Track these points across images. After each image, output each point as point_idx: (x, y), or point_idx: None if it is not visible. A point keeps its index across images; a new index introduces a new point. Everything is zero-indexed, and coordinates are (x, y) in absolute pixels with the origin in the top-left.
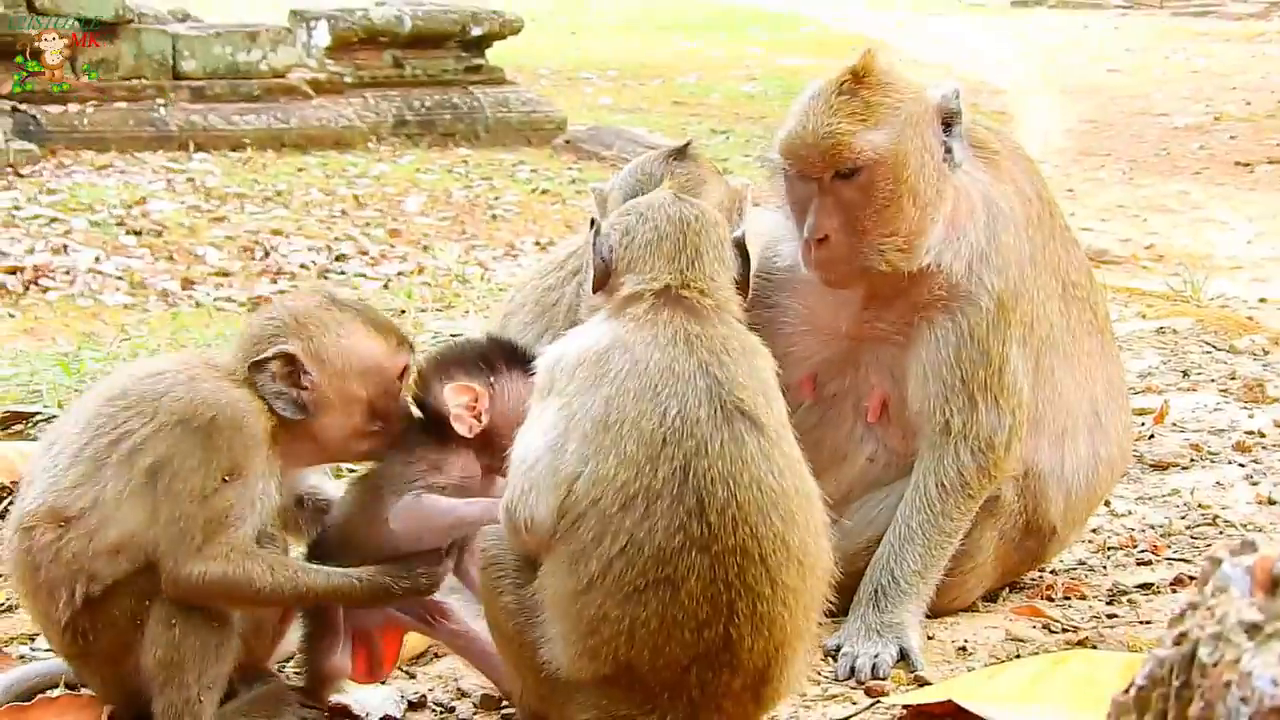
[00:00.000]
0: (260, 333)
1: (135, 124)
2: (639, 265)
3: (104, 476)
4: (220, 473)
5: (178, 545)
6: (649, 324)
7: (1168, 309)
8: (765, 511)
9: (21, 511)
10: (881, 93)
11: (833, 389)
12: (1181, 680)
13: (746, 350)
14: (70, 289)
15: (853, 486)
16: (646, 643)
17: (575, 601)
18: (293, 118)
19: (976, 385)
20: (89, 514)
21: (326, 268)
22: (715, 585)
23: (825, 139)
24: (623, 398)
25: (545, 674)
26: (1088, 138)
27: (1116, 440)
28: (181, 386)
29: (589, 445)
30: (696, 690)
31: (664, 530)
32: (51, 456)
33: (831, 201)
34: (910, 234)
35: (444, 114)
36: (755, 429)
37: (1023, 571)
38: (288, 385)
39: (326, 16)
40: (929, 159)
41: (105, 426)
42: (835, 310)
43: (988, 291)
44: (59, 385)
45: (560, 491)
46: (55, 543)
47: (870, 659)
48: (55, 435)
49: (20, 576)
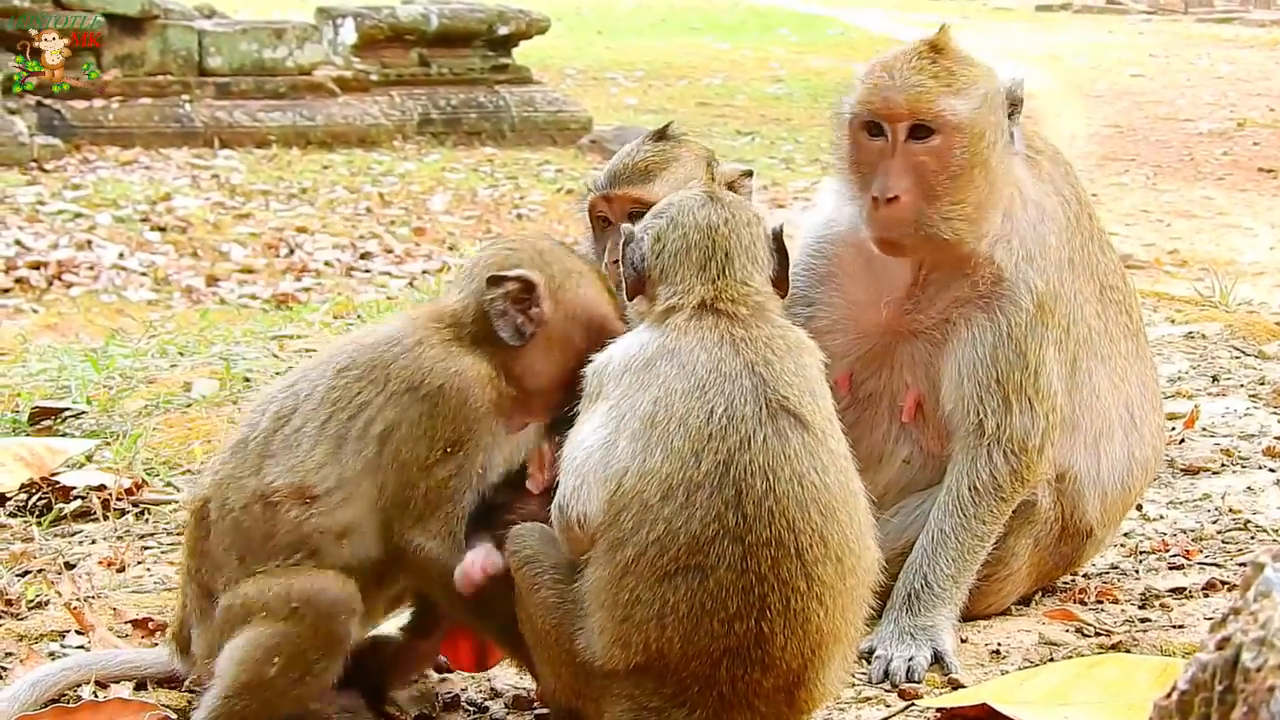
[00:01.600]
0: (500, 259)
1: (160, 120)
2: (671, 276)
3: (345, 453)
4: (444, 443)
5: (401, 513)
6: (694, 330)
7: (1196, 314)
8: (804, 506)
9: (259, 483)
10: (962, 64)
11: (869, 388)
12: (1224, 685)
13: (793, 348)
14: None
15: (889, 489)
16: (677, 629)
17: (611, 587)
18: (318, 115)
19: (1012, 387)
20: (333, 492)
21: (351, 265)
22: (747, 576)
23: (913, 89)
24: (670, 396)
25: (579, 668)
26: (1112, 143)
27: (1150, 442)
28: (409, 354)
29: (638, 441)
30: (727, 686)
31: (700, 519)
32: (289, 433)
33: (903, 163)
34: (978, 206)
35: (470, 113)
36: (800, 425)
37: (1057, 576)
38: (516, 310)
39: (353, 14)
40: (1000, 137)
41: (342, 400)
42: (877, 299)
43: (1030, 291)
44: (88, 381)
45: (610, 486)
46: (299, 518)
47: (905, 662)
48: (272, 406)
49: (230, 544)
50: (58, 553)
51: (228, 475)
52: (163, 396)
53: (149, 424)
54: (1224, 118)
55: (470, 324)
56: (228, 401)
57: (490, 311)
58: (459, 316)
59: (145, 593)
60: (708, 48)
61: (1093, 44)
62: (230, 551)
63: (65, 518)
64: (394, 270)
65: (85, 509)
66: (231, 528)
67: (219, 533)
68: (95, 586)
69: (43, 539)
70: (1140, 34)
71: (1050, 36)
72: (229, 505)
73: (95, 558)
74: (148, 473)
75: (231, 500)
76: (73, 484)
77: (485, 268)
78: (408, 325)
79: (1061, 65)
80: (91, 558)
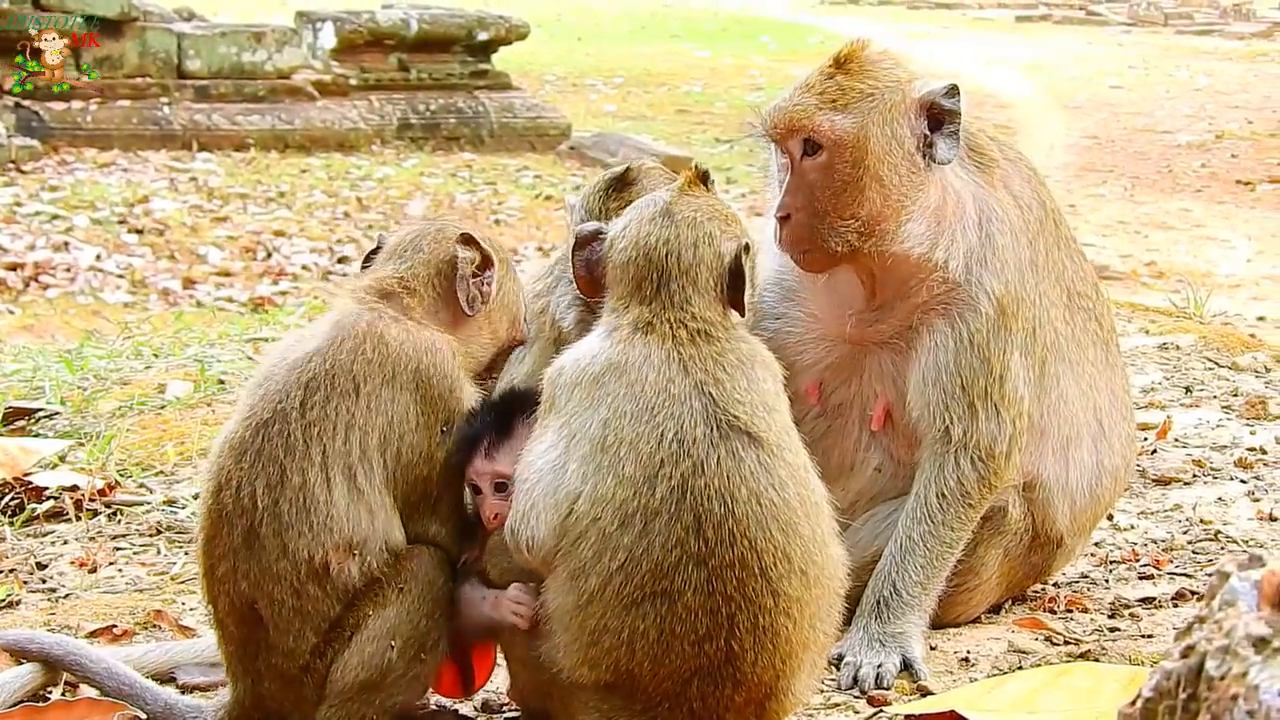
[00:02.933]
0: (447, 234)
1: (139, 122)
2: (615, 288)
3: (360, 483)
4: (440, 425)
5: (415, 508)
6: (640, 345)
7: (1171, 325)
8: (765, 525)
9: (294, 564)
10: (858, 78)
11: (838, 398)
12: (1188, 693)
13: (745, 361)
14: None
15: (860, 496)
16: (646, 654)
17: (577, 614)
18: (297, 119)
19: (977, 393)
20: (367, 523)
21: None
22: (714, 599)
23: (793, 110)
24: (619, 419)
25: (547, 673)
26: (1090, 154)
27: (1120, 450)
28: (365, 346)
29: (588, 464)
30: (698, 702)
31: (661, 546)
32: (292, 495)
33: (798, 180)
34: (872, 219)
35: (449, 118)
36: (753, 444)
37: (1028, 585)
38: (474, 281)
39: (332, 18)
40: (896, 148)
41: (326, 430)
42: (839, 312)
43: (987, 295)
44: (62, 382)
45: (561, 511)
46: (364, 569)
47: (873, 668)
48: (257, 481)
49: (301, 628)
50: (29, 553)
51: (253, 571)
52: (137, 398)
53: (123, 425)
54: (1202, 130)
55: (419, 294)
56: (202, 404)
57: (457, 275)
58: (403, 286)
59: (117, 593)
60: (688, 55)
61: (1072, 55)
62: (306, 635)
63: (38, 518)
64: None
65: (58, 509)
66: (296, 617)
67: (282, 629)
68: (67, 587)
69: (14, 539)
70: (1120, 45)
71: (1030, 47)
72: (279, 600)
73: (67, 558)
74: (120, 474)
75: (279, 593)
76: (45, 484)
77: (436, 239)
78: (344, 318)
79: (1041, 76)
80: (63, 558)
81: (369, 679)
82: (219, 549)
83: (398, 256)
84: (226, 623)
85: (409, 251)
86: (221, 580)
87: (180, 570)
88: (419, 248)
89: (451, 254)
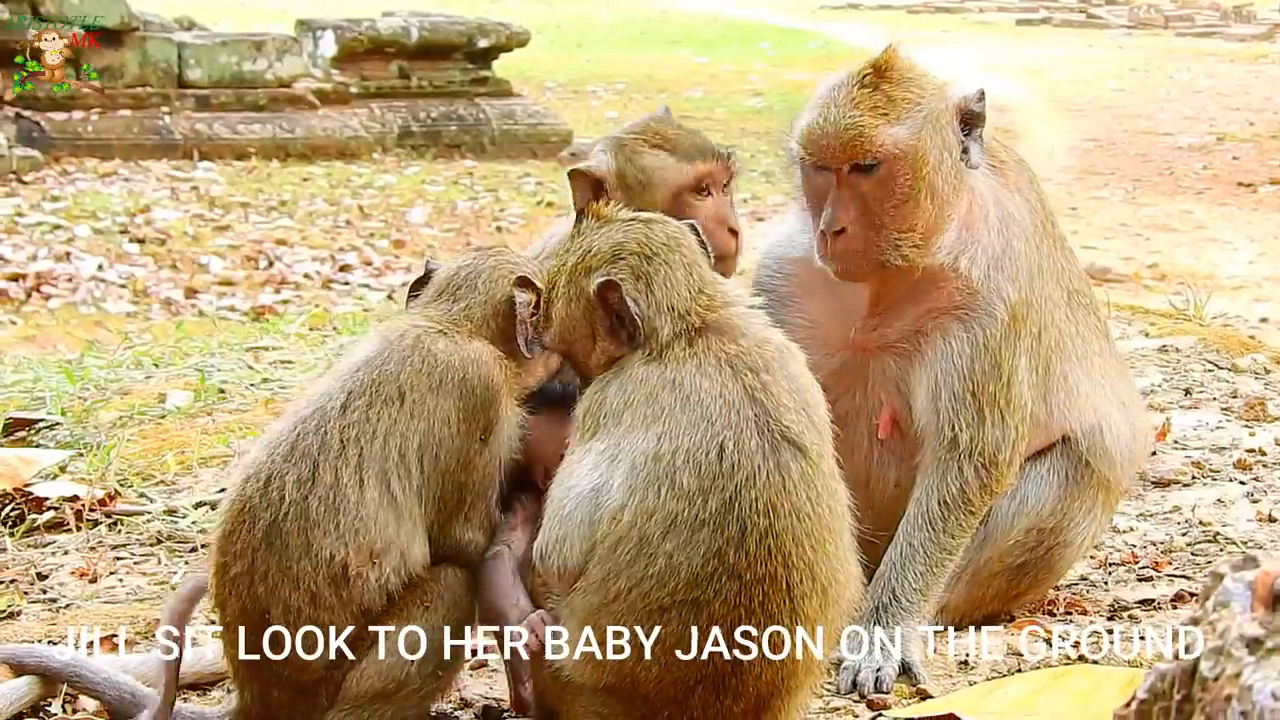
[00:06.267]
0: (503, 271)
1: (140, 132)
2: (663, 306)
3: (394, 488)
4: (479, 432)
5: (449, 517)
6: (690, 356)
7: (1170, 327)
8: (800, 540)
9: (315, 564)
10: (903, 87)
11: (843, 407)
12: (1182, 694)
13: (783, 356)
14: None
15: (881, 513)
16: (658, 659)
17: (596, 613)
18: (298, 127)
19: (986, 399)
20: (392, 530)
21: (330, 278)
22: (738, 611)
23: (847, 130)
24: (676, 430)
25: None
26: (1091, 156)
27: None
28: (414, 357)
29: (636, 475)
30: (699, 711)
31: (702, 556)
32: (323, 493)
33: (849, 194)
34: (927, 230)
35: (450, 125)
36: (800, 455)
37: None
38: (532, 322)
39: (333, 26)
40: (948, 157)
41: (365, 434)
42: (841, 318)
43: (1003, 301)
44: (63, 392)
45: (602, 529)
46: (381, 579)
47: (873, 672)
48: (288, 475)
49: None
50: (30, 563)
51: (271, 572)
52: (137, 408)
53: (123, 435)
54: (1204, 132)
55: (476, 323)
56: (202, 413)
57: (517, 315)
58: (463, 316)
59: (118, 603)
60: (687, 61)
61: (1073, 58)
62: (318, 647)
63: (38, 528)
64: (373, 283)
65: (58, 520)
66: (309, 627)
67: (294, 640)
68: (67, 597)
69: (15, 549)
70: (1120, 48)
71: (1031, 50)
72: (293, 608)
73: (68, 568)
74: (121, 484)
75: (295, 600)
76: (46, 495)
77: (492, 279)
78: (393, 333)
79: (1042, 79)
80: (64, 568)
81: (384, 689)
82: (237, 545)
83: (450, 295)
84: (234, 627)
85: (463, 290)
86: (234, 581)
87: (181, 580)
88: (474, 286)
89: (509, 295)
